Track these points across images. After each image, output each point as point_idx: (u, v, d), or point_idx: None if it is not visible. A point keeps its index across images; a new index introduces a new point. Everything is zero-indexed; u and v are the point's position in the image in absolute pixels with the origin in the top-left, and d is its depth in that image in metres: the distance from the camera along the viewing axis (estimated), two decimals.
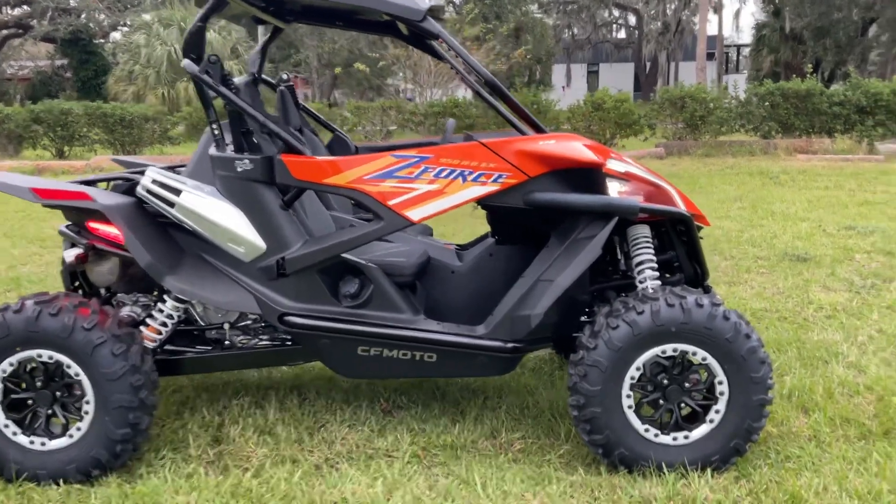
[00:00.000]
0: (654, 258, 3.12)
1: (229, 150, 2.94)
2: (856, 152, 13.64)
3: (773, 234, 7.19)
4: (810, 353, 4.09)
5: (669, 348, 2.79)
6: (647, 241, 3.14)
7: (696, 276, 3.27)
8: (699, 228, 3.40)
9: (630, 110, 14.43)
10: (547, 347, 3.33)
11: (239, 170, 2.86)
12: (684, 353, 2.80)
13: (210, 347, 3.17)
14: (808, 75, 14.72)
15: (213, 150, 2.98)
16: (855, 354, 4.08)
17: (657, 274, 3.10)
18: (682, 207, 3.05)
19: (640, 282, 3.11)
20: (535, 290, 2.91)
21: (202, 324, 3.18)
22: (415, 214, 2.81)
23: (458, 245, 3.58)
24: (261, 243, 2.88)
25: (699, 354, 2.79)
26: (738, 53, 47.34)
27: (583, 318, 3.50)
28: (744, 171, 12.08)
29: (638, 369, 2.80)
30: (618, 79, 36.94)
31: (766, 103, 14.47)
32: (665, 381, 2.84)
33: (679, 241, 3.23)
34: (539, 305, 2.83)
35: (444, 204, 2.81)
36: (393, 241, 3.48)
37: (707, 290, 3.29)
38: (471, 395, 3.57)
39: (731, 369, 2.79)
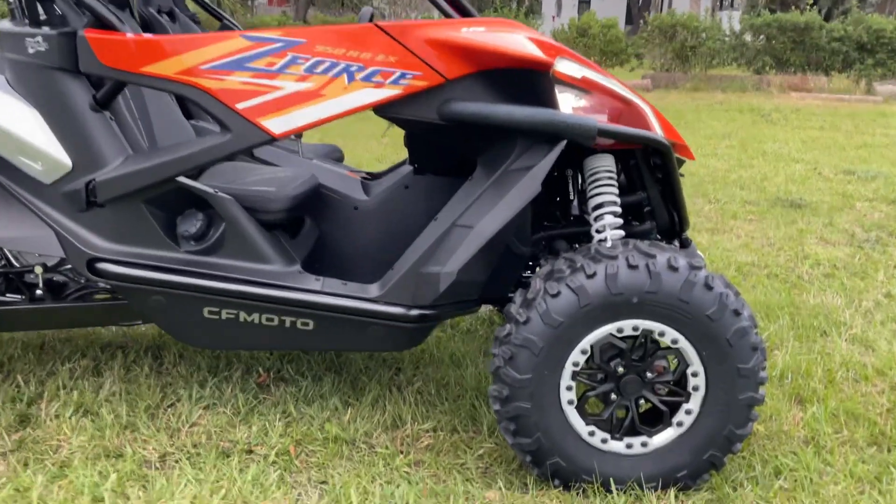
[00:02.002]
0: (618, 200, 2.31)
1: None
2: (853, 92, 12.80)
3: (763, 175, 6.40)
4: (806, 322, 3.34)
5: (628, 326, 2.01)
6: (610, 177, 2.33)
7: (673, 225, 2.47)
8: (681, 163, 2.59)
9: (617, 37, 13.45)
10: (476, 310, 2.54)
11: (31, 51, 2.00)
12: (648, 332, 2.03)
13: (19, 297, 2.34)
14: (808, 7, 13.73)
15: (4, 23, 2.10)
16: (860, 325, 3.34)
17: (620, 221, 2.30)
18: (658, 132, 2.23)
19: (597, 231, 2.31)
20: (449, 240, 2.10)
21: (16, 266, 2.35)
22: (276, 125, 1.97)
23: (366, 173, 2.74)
24: (64, 159, 2.04)
25: (668, 335, 2.02)
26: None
27: (526, 276, 2.72)
28: (734, 108, 11.23)
29: (584, 353, 2.03)
30: (609, 11, 35.50)
31: (762, 36, 13.51)
32: (620, 370, 2.07)
33: (652, 179, 2.42)
34: (452, 261, 2.03)
35: (321, 111, 1.97)
36: (278, 163, 2.64)
37: (685, 243, 2.50)
38: (377, 368, 2.79)
39: (710, 357, 2.02)
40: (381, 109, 2.07)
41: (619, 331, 2.02)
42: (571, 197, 2.45)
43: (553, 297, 2.00)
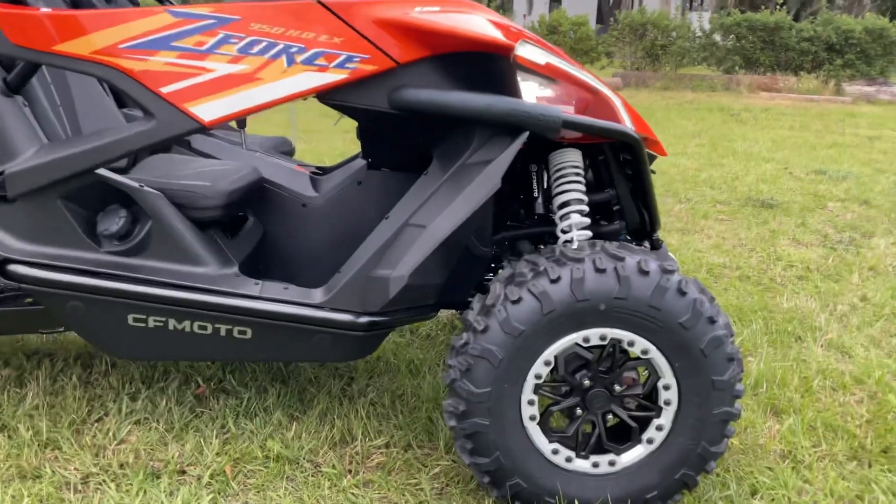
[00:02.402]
0: (585, 198, 2.15)
1: None
2: (822, 93, 12.82)
3: (734, 175, 6.30)
4: (780, 327, 3.21)
5: (595, 335, 1.84)
6: (577, 174, 2.16)
7: (643, 225, 2.31)
8: (652, 160, 2.44)
9: (588, 35, 13.35)
10: (433, 316, 2.35)
11: None
12: (617, 342, 1.86)
13: None
14: (777, 8, 13.74)
15: None
16: (836, 329, 3.21)
17: (588, 221, 2.13)
18: (629, 126, 2.06)
19: (563, 231, 2.14)
20: (401, 241, 1.91)
21: None
22: (206, 111, 1.77)
23: (316, 168, 2.55)
24: None
25: (638, 345, 1.85)
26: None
27: (488, 279, 2.55)
28: (703, 107, 11.18)
29: (547, 364, 1.86)
30: (580, 9, 35.47)
31: (732, 36, 13.49)
32: (586, 383, 1.90)
33: (622, 176, 2.26)
34: (403, 263, 1.84)
35: (257, 97, 1.78)
36: (219, 156, 2.43)
37: (656, 245, 2.34)
38: (327, 378, 2.59)
39: (683, 368, 1.86)
40: (326, 96, 1.88)
41: (586, 340, 1.85)
42: (535, 194, 2.27)
43: (514, 304, 1.83)
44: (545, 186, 2.28)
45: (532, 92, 1.99)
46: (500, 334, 1.82)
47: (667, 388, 1.88)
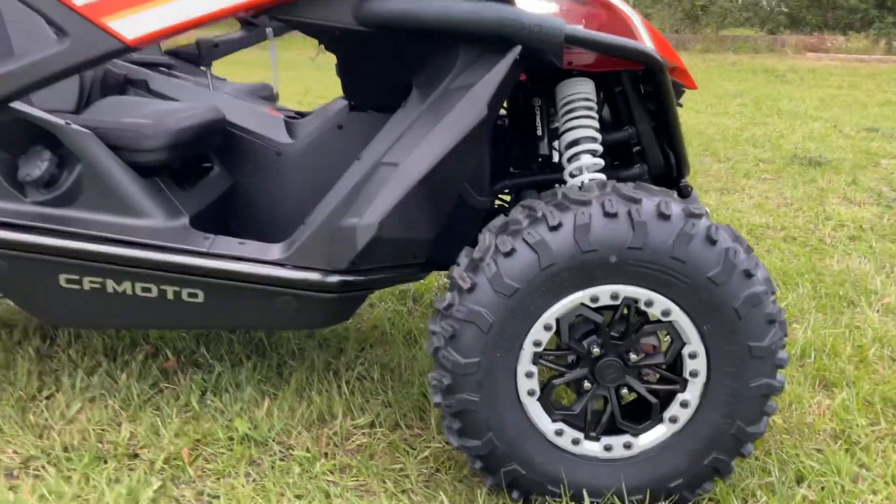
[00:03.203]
0: (598, 136, 1.83)
1: None
2: (872, 52, 12.14)
3: (779, 133, 5.87)
4: (830, 290, 2.85)
5: (606, 293, 1.52)
6: (588, 108, 1.84)
7: (669, 170, 1.98)
8: (679, 93, 2.10)
9: None
10: (422, 277, 2.04)
11: None
12: (632, 301, 1.54)
13: None
14: None
15: None
16: (894, 293, 2.84)
17: (601, 163, 1.81)
18: (648, 45, 1.72)
19: (571, 175, 1.83)
20: (371, 183, 1.61)
21: None
22: (128, 27, 1.48)
23: (294, 113, 2.25)
24: None
25: (658, 305, 1.53)
26: None
27: None
28: (746, 69, 10.64)
29: (548, 329, 1.55)
30: None
31: None
32: (596, 351, 1.59)
33: (643, 111, 1.92)
34: (372, 209, 1.54)
35: (185, 11, 1.48)
36: (180, 98, 2.15)
37: (685, 192, 2.00)
38: (313, 349, 2.31)
39: (713, 332, 1.53)
40: (279, 11, 1.58)
41: (594, 300, 1.54)
42: (539, 132, 1.94)
43: (506, 257, 1.52)
44: (551, 125, 1.95)
45: (529, 4, 1.66)
46: (490, 293, 1.52)
47: (693, 356, 1.56)
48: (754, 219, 3.77)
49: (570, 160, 1.83)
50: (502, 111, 2.13)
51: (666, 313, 1.54)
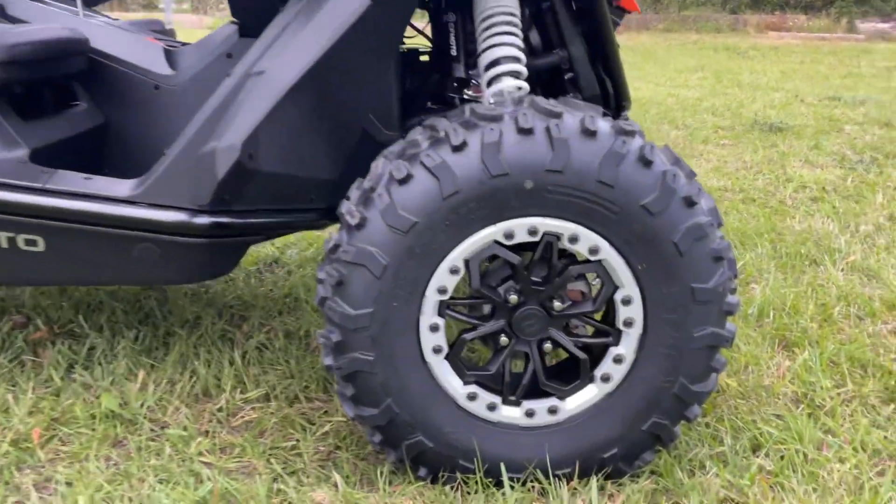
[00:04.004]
0: (522, 56, 1.57)
1: None
2: (833, 31, 12.06)
3: (739, 102, 5.68)
4: (791, 250, 2.63)
5: (521, 228, 1.27)
6: (509, 23, 1.58)
7: (606, 100, 1.72)
8: (619, 16, 1.86)
9: None
10: (324, 225, 1.76)
11: None
12: (553, 237, 1.29)
13: None
14: None
15: None
16: (859, 251, 2.63)
17: (525, 87, 1.55)
18: None
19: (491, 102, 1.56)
20: (239, 99, 1.33)
21: None
22: None
23: (177, 42, 1.96)
24: None
25: (584, 241, 1.28)
26: None
27: None
28: (708, 47, 10.49)
29: (454, 272, 1.28)
30: None
31: None
32: (513, 299, 1.33)
33: (575, 31, 1.67)
34: (234, 130, 1.27)
35: None
36: (34, 21, 1.85)
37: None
38: (213, 316, 2.03)
39: (650, 273, 1.29)
40: None
41: (509, 236, 1.28)
42: (454, 52, 1.68)
43: (401, 185, 1.25)
44: (465, 43, 1.69)
45: None
46: (383, 230, 1.25)
47: (627, 302, 1.31)
48: (712, 182, 3.55)
49: (489, 84, 1.57)
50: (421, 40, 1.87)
51: (594, 251, 1.28)
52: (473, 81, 1.76)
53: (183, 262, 1.45)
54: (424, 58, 1.89)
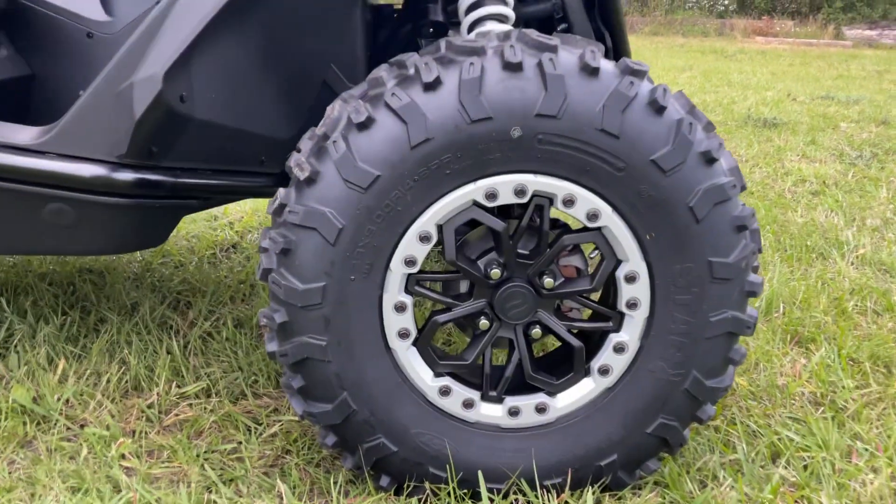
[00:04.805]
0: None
1: None
2: (820, 37, 11.98)
3: (731, 100, 5.50)
4: (797, 242, 2.43)
5: (507, 186, 1.05)
6: None
7: (605, 55, 1.50)
8: None
9: None
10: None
11: None
12: (545, 199, 1.07)
13: None
14: None
15: None
16: (868, 244, 2.43)
17: (514, 33, 1.33)
18: None
19: None
20: (163, 27, 1.10)
21: None
22: None
23: None
24: None
25: (582, 204, 1.06)
26: None
27: None
28: (695, 49, 10.35)
29: (425, 240, 1.06)
30: None
31: None
32: (496, 272, 1.10)
33: None
34: (155, 57, 1.04)
35: None
36: None
37: None
38: (155, 301, 1.79)
39: (660, 244, 1.07)
40: None
41: (491, 196, 1.06)
42: None
43: (361, 131, 1.03)
44: None
45: None
46: (339, 185, 1.03)
47: (631, 279, 1.09)
48: None
49: (470, 29, 1.35)
50: None
51: (593, 216, 1.07)
52: (451, 32, 1.54)
53: (103, 228, 1.22)
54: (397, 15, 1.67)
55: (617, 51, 1.53)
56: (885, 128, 4.54)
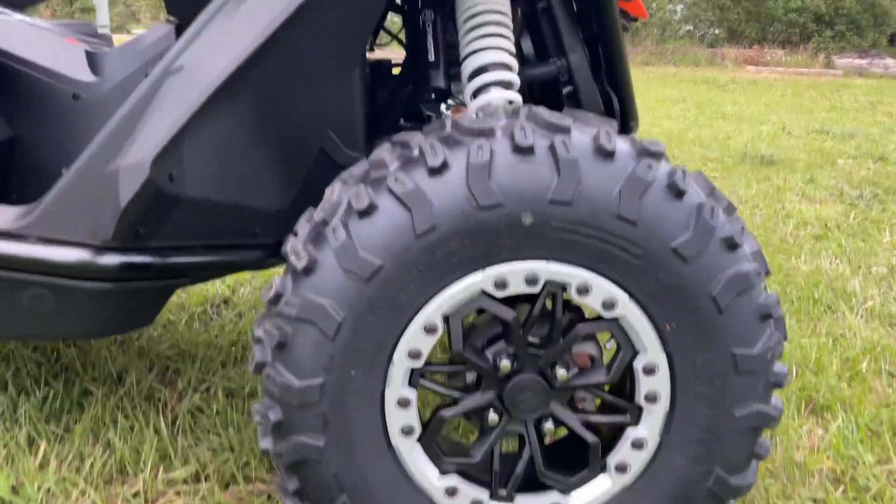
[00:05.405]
0: (513, 63, 1.30)
1: None
2: (811, 66, 12.06)
3: (726, 134, 5.48)
4: (803, 293, 2.37)
5: (518, 274, 0.98)
6: (500, 23, 1.31)
7: (612, 116, 1.46)
8: (628, 20, 1.61)
9: None
10: (270, 264, 1.47)
11: None
12: (558, 287, 1.00)
13: None
14: None
15: None
16: (876, 295, 2.38)
17: (518, 100, 1.28)
18: None
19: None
20: (152, 106, 1.04)
21: None
22: None
23: (106, 43, 1.67)
24: None
25: (597, 293, 0.99)
26: None
27: None
28: (687, 79, 10.38)
29: (430, 331, 0.99)
30: None
31: (716, 8, 12.72)
32: (506, 364, 1.03)
33: (576, 37, 1.41)
34: (143, 142, 0.97)
35: None
36: None
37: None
38: (142, 370, 1.71)
39: (680, 335, 1.00)
40: None
41: (500, 285, 0.99)
42: (432, 57, 1.40)
43: (362, 218, 0.96)
44: (448, 50, 1.42)
45: None
46: (338, 276, 0.96)
47: (650, 370, 1.02)
48: None
49: (474, 96, 1.29)
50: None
51: (609, 305, 1.00)
52: (452, 99, 1.48)
53: (87, 313, 1.14)
54: (398, 70, 1.62)
55: (624, 112, 1.47)
56: (882, 164, 4.52)
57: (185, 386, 1.64)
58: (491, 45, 1.30)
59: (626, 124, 1.49)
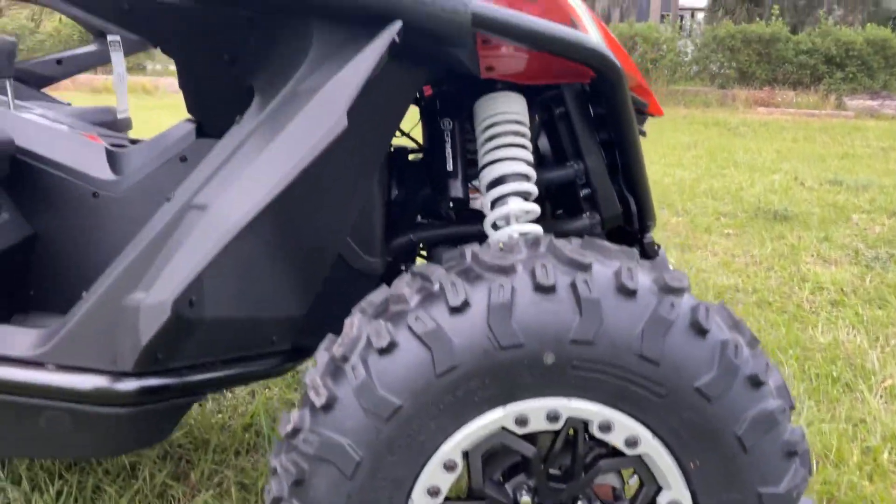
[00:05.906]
0: (532, 172, 1.30)
1: None
2: (822, 108, 12.05)
3: (738, 185, 5.47)
4: (822, 370, 2.34)
5: (539, 412, 0.97)
6: (517, 132, 1.32)
7: (629, 220, 1.45)
8: (642, 120, 1.61)
9: None
10: (287, 369, 1.46)
11: None
12: (580, 424, 0.99)
13: None
14: (773, 18, 13.03)
15: None
16: (895, 376, 2.34)
17: (536, 210, 1.28)
18: (600, 47, 1.20)
19: (496, 226, 1.31)
20: (174, 240, 1.04)
21: None
22: None
23: (127, 140, 1.69)
24: None
25: (620, 430, 0.98)
26: (693, 18, 45.94)
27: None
28: (698, 122, 10.39)
29: (450, 469, 0.98)
30: None
31: (726, 49, 12.78)
32: (526, 500, 1.02)
33: (593, 140, 1.41)
34: (164, 282, 0.97)
35: None
36: None
37: (650, 252, 1.49)
38: (154, 461, 1.70)
39: (705, 473, 0.98)
40: None
41: (521, 422, 0.98)
42: (450, 167, 1.40)
43: (382, 356, 0.96)
44: (466, 155, 1.42)
45: None
46: (357, 414, 0.95)
47: None
48: (721, 279, 3.28)
49: (492, 206, 1.30)
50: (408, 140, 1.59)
51: (632, 443, 0.99)
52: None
53: (105, 433, 1.14)
54: (413, 156, 1.61)
55: (641, 213, 1.47)
56: None
57: (198, 479, 1.63)
58: (509, 156, 1.30)
59: (644, 224, 1.49)
